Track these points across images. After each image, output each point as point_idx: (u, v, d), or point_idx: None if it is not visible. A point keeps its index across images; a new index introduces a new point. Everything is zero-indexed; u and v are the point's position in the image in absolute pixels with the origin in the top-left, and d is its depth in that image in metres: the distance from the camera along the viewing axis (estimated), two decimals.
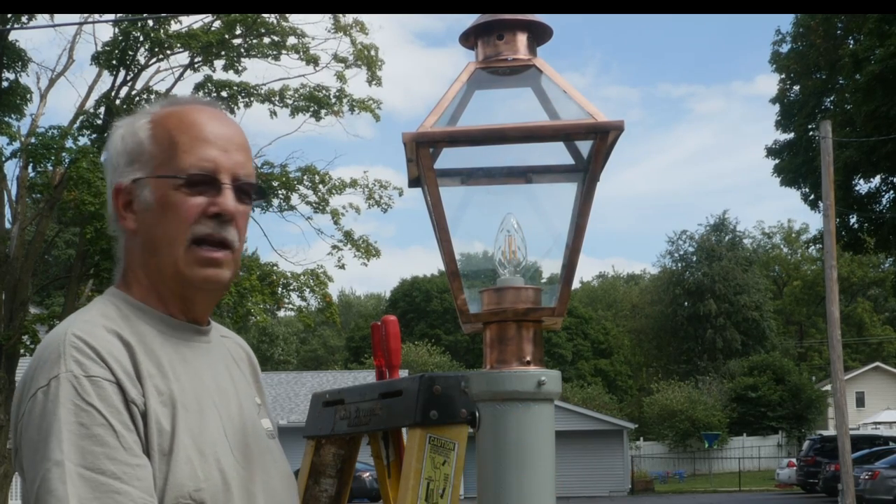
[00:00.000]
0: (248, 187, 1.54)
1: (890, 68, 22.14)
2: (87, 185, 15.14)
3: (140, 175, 1.52)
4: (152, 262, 1.52)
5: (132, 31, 17.03)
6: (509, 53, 1.49)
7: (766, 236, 71.66)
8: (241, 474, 1.48)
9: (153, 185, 1.50)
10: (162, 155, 1.51)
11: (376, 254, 19.16)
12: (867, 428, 42.61)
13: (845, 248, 28.39)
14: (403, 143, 1.45)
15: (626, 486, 38.10)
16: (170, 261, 1.49)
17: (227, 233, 1.50)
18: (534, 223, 1.53)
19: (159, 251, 1.50)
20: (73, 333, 1.41)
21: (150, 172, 1.51)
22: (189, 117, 1.53)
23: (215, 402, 1.50)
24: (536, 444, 1.42)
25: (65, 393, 1.35)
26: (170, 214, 1.49)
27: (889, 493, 23.08)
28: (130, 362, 1.42)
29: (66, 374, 1.36)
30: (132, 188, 1.52)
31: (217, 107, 1.60)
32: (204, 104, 1.59)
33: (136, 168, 1.52)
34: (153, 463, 1.38)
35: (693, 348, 60.92)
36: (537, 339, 1.47)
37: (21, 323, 16.63)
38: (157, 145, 1.52)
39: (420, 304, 59.23)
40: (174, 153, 1.50)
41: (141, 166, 1.52)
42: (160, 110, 1.57)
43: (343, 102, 18.38)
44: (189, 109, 1.56)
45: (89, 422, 1.34)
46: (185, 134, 1.51)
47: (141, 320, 1.50)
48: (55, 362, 1.38)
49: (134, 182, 1.52)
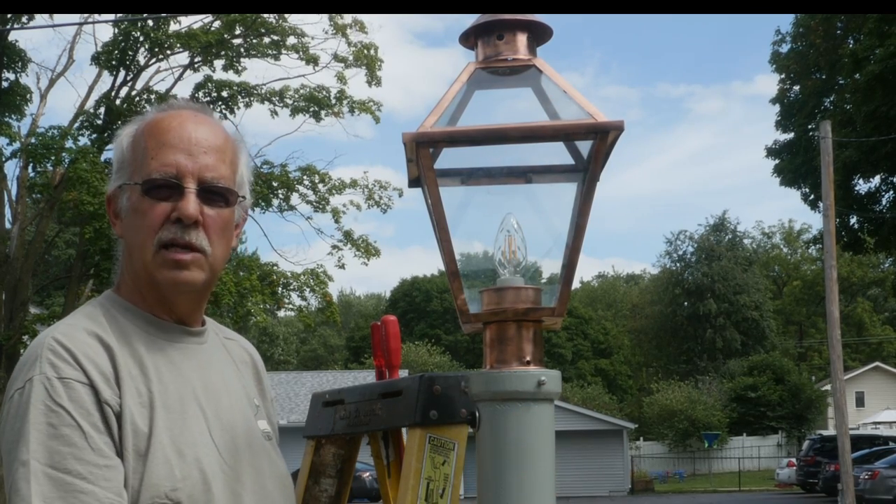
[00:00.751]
0: (218, 190, 1.52)
1: (890, 68, 22.13)
2: (86, 186, 15.15)
3: (120, 182, 1.56)
4: (132, 268, 1.55)
5: (132, 31, 17.04)
6: (509, 53, 1.49)
7: (766, 236, 71.72)
8: (226, 474, 1.48)
9: (129, 191, 1.53)
10: (135, 162, 1.53)
11: (376, 253, 19.18)
12: (867, 428, 42.60)
13: (845, 248, 28.39)
14: (403, 144, 1.45)
15: (625, 486, 38.10)
16: (141, 265, 1.52)
17: (191, 237, 1.50)
18: (534, 223, 1.53)
19: (133, 256, 1.54)
20: (52, 337, 1.44)
21: (126, 178, 1.54)
22: (163, 123, 1.54)
23: (201, 402, 1.51)
24: (536, 444, 1.42)
25: (36, 394, 1.37)
26: (138, 220, 1.51)
27: (889, 493, 23.09)
28: (109, 364, 1.43)
29: (39, 377, 1.39)
30: (118, 195, 1.56)
31: (204, 111, 1.60)
32: (188, 108, 1.58)
33: (119, 175, 1.56)
34: (127, 463, 1.38)
35: (693, 348, 60.93)
36: (537, 339, 1.47)
37: (21, 323, 16.65)
38: (132, 152, 1.54)
39: (420, 304, 59.24)
40: (143, 159, 1.52)
41: (122, 174, 1.56)
42: (150, 117, 1.58)
43: (343, 104, 18.39)
44: (169, 115, 1.56)
45: (58, 422, 1.35)
46: (152, 139, 1.52)
47: (129, 321, 1.52)
48: (32, 365, 1.41)
49: (119, 189, 1.56)
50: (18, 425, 1.37)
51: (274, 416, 1.74)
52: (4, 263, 16.97)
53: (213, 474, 1.45)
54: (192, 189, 1.50)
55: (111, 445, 1.38)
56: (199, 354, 1.57)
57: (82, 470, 1.33)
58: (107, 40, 17.58)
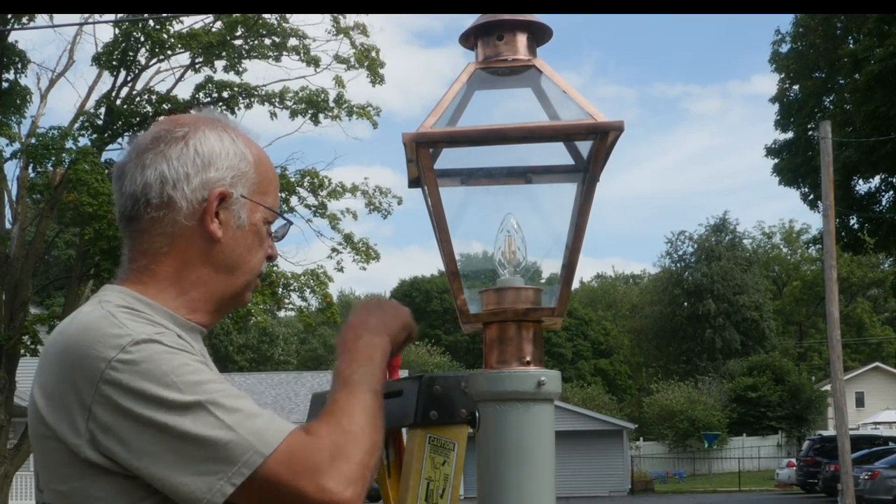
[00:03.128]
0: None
1: (889, 68, 22.14)
2: (86, 186, 15.14)
3: (245, 193, 1.50)
4: (222, 277, 1.50)
5: (133, 31, 17.03)
6: (509, 54, 1.50)
7: (766, 236, 71.70)
8: None
9: (250, 207, 1.50)
10: (260, 185, 1.52)
11: (376, 257, 19.19)
12: (867, 428, 42.58)
13: (845, 249, 28.38)
14: (403, 144, 1.45)
15: (625, 486, 38.10)
16: (241, 284, 1.52)
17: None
18: (534, 223, 1.53)
19: (238, 272, 1.51)
20: (115, 305, 1.39)
21: (252, 195, 1.52)
22: (264, 154, 1.57)
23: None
24: (536, 444, 1.42)
25: (154, 350, 1.31)
26: (258, 244, 1.52)
27: (889, 493, 23.08)
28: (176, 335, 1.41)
29: (141, 338, 1.31)
30: (234, 199, 1.49)
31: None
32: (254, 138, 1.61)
33: (242, 183, 1.50)
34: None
35: (692, 348, 60.93)
36: (537, 339, 1.47)
37: (21, 323, 16.63)
38: (258, 172, 1.53)
39: (420, 305, 59.25)
40: (269, 189, 1.54)
41: (246, 184, 1.51)
42: (238, 131, 1.56)
43: (342, 107, 18.39)
44: (256, 143, 1.58)
45: (194, 361, 1.33)
46: (273, 171, 1.57)
47: (158, 314, 1.45)
48: (116, 334, 1.32)
49: (238, 197, 1.50)
50: (161, 373, 1.29)
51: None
52: (4, 264, 16.97)
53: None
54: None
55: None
56: (205, 354, 1.59)
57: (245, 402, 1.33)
58: (107, 40, 17.59)
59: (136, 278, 1.47)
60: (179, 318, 1.46)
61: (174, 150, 1.47)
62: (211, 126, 1.52)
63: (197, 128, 1.50)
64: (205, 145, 1.49)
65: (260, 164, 1.54)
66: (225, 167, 1.49)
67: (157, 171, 1.47)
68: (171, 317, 1.45)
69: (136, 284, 1.46)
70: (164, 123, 1.55)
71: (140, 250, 1.48)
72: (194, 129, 1.50)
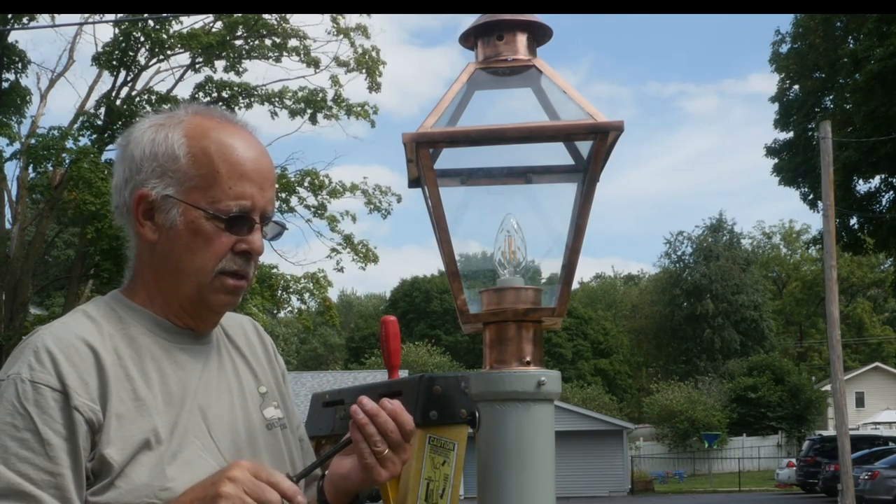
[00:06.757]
0: (273, 222, 1.56)
1: (889, 68, 22.14)
2: (87, 186, 15.14)
3: (171, 193, 1.48)
4: (170, 280, 1.51)
5: (133, 31, 17.03)
6: (509, 54, 1.49)
7: (766, 236, 71.73)
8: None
9: (184, 207, 1.48)
10: (199, 179, 1.48)
11: (374, 259, 19.20)
12: (867, 428, 42.59)
13: (845, 249, 28.39)
14: (403, 144, 1.45)
15: (625, 486, 38.09)
16: (193, 286, 1.50)
17: (249, 268, 1.52)
18: (534, 223, 1.53)
19: (182, 274, 1.50)
20: (41, 336, 1.44)
21: (183, 192, 1.48)
22: (227, 142, 1.50)
23: (200, 403, 1.51)
24: (536, 444, 1.42)
25: (9, 394, 1.39)
26: (199, 243, 1.48)
27: (889, 493, 23.08)
28: (94, 368, 1.42)
29: (14, 377, 1.40)
30: (158, 201, 1.49)
31: (247, 127, 1.57)
32: (237, 124, 1.55)
33: (166, 182, 1.49)
34: (107, 466, 1.39)
35: (692, 348, 60.96)
36: (537, 339, 1.47)
37: (21, 323, 16.64)
38: (195, 167, 1.48)
39: (420, 305, 59.23)
40: (214, 182, 1.48)
41: (173, 182, 1.49)
42: (193, 122, 1.52)
43: (340, 106, 18.40)
44: (225, 130, 1.52)
45: (21, 425, 1.37)
46: (226, 164, 1.48)
47: (136, 322, 1.51)
48: (13, 363, 1.43)
49: (164, 197, 1.49)
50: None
51: (284, 390, 1.74)
52: (4, 264, 16.97)
53: (207, 473, 1.45)
54: (259, 224, 1.52)
55: (73, 451, 1.38)
56: (204, 355, 1.57)
57: (33, 474, 1.35)
58: (107, 40, 17.59)
59: (128, 282, 1.57)
60: (162, 319, 1.52)
61: (121, 154, 1.55)
62: (155, 126, 1.53)
63: (141, 130, 1.53)
64: (137, 148, 1.52)
65: (203, 156, 1.48)
66: (150, 169, 1.50)
67: (115, 177, 1.55)
68: (152, 319, 1.52)
69: (126, 289, 1.56)
70: (130, 126, 1.59)
71: (130, 256, 1.58)
72: (139, 131, 1.54)
